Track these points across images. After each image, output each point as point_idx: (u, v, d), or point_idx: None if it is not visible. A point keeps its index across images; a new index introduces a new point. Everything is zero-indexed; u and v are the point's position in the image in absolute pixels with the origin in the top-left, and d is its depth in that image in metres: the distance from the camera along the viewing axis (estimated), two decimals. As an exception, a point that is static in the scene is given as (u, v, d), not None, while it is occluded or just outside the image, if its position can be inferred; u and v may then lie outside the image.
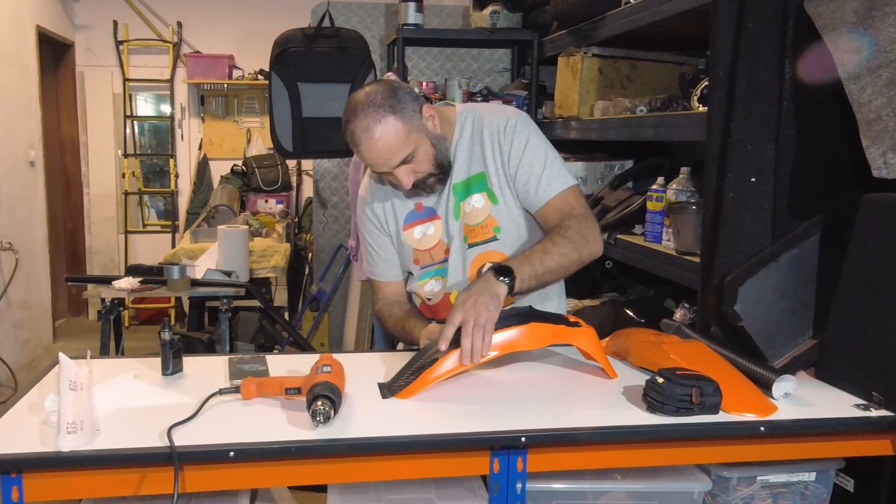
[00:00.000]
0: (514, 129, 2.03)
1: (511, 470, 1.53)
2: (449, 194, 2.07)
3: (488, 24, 4.09)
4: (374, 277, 2.24)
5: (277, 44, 3.93)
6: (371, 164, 1.96)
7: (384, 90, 1.91)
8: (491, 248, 2.06)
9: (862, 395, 1.74)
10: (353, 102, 1.91)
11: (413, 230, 2.12)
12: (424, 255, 2.12)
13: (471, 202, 2.05)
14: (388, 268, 2.20)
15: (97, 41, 6.97)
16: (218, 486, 1.49)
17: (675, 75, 3.18)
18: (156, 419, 1.52)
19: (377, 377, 1.83)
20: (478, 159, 2.05)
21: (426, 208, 2.11)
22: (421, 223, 2.11)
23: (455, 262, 2.08)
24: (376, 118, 1.87)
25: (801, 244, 1.93)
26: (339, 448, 1.46)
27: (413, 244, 2.12)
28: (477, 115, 2.08)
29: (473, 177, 2.06)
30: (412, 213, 2.12)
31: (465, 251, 2.07)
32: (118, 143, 7.17)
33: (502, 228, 2.06)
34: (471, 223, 2.06)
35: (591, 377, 1.86)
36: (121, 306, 3.92)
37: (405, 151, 1.92)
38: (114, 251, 7.27)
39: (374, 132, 1.87)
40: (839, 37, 1.82)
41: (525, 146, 2.02)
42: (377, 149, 1.90)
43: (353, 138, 1.91)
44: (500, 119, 2.05)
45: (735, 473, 1.69)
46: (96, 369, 1.79)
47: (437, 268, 2.12)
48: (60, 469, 1.39)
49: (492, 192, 2.05)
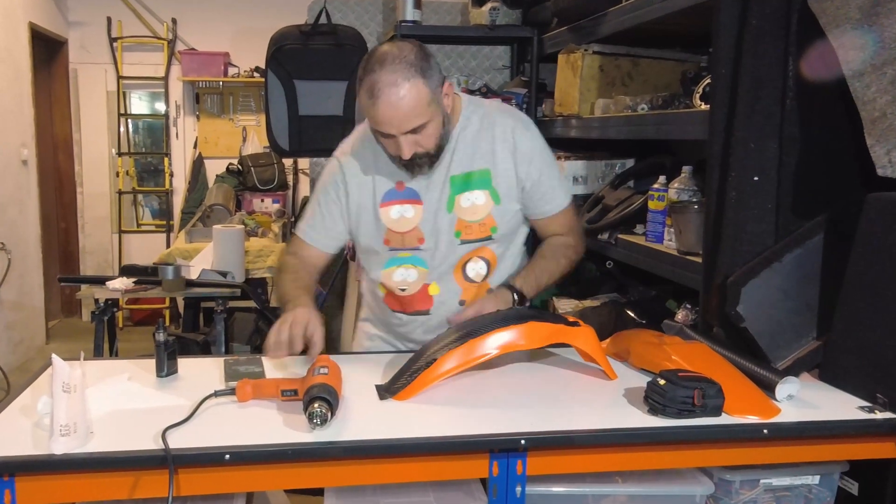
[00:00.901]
0: (530, 133, 2.06)
1: (510, 473, 1.53)
2: (445, 185, 2.04)
3: (487, 20, 4.08)
4: (302, 237, 2.16)
5: (274, 41, 3.93)
6: (381, 122, 1.87)
7: (418, 51, 1.86)
8: (484, 245, 2.07)
9: (866, 398, 1.74)
10: (382, 53, 1.84)
11: (390, 209, 2.06)
12: (396, 238, 2.07)
13: (470, 197, 2.04)
14: (324, 234, 2.14)
15: (91, 38, 6.96)
16: (213, 489, 1.48)
17: (677, 73, 3.17)
18: (150, 421, 1.52)
19: (374, 379, 1.83)
20: (484, 156, 2.03)
21: (408, 189, 2.05)
22: (399, 203, 2.06)
23: (441, 255, 2.06)
24: (406, 75, 1.80)
25: (804, 244, 1.93)
26: (336, 451, 1.46)
27: (388, 224, 2.07)
28: (486, 111, 2.07)
29: (476, 172, 2.04)
30: (392, 191, 2.06)
31: (456, 246, 2.06)
32: (112, 141, 7.16)
33: (499, 229, 2.06)
34: (467, 219, 2.04)
35: (592, 378, 1.86)
36: (115, 307, 3.92)
37: (421, 119, 1.86)
38: (107, 251, 7.26)
39: (400, 89, 1.80)
40: (843, 33, 1.81)
41: (542, 153, 2.07)
42: (398, 107, 1.82)
43: (372, 89, 1.82)
44: (514, 120, 2.06)
45: (738, 476, 1.69)
46: (90, 371, 1.78)
47: (408, 255, 2.08)
48: (53, 472, 1.39)
49: (496, 191, 2.04)
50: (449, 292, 2.08)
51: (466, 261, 2.06)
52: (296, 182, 7.27)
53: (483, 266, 2.08)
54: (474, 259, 2.07)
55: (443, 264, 2.06)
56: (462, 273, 2.07)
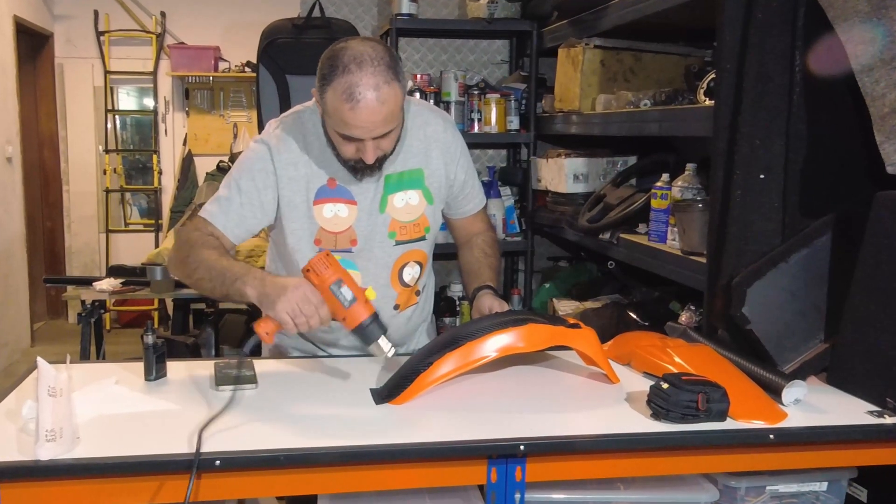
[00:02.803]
0: (456, 133, 2.11)
1: (509, 479, 1.53)
2: (378, 184, 1.98)
3: (485, 13, 4.09)
4: (212, 221, 1.94)
5: (265, 34, 3.93)
6: (356, 127, 1.77)
7: (389, 53, 1.79)
8: (416, 246, 2.07)
9: (876, 402, 1.74)
10: (358, 53, 1.75)
11: (323, 207, 1.97)
12: (328, 238, 1.99)
13: (404, 197, 2.02)
14: (236, 223, 1.95)
15: (77, 32, 6.95)
16: (203, 496, 1.47)
17: (681, 67, 3.18)
18: (138, 426, 1.52)
19: (369, 382, 1.82)
20: (417, 155, 2.02)
21: (339, 188, 1.97)
22: (332, 202, 1.97)
23: (375, 258, 2.02)
24: (386, 79, 1.74)
25: (812, 244, 1.94)
26: (330, 456, 1.45)
27: (321, 223, 1.98)
28: (416, 109, 2.05)
29: (408, 171, 2.02)
30: (324, 188, 1.97)
31: (390, 248, 2.03)
32: (99, 138, 7.15)
33: (431, 229, 2.09)
34: (402, 220, 2.03)
35: (593, 382, 1.86)
36: (102, 309, 3.92)
37: (394, 124, 1.82)
38: (94, 251, 7.25)
39: (382, 92, 1.74)
40: (852, 27, 1.82)
41: (465, 152, 2.13)
42: (378, 112, 1.75)
43: (350, 91, 1.73)
44: (443, 120, 2.10)
45: (743, 483, 1.69)
46: (76, 374, 1.78)
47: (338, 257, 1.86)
48: (39, 478, 1.38)
49: (428, 190, 2.05)
50: (385, 297, 2.04)
51: (403, 264, 2.06)
52: (288, 180, 7.25)
53: (417, 270, 2.10)
54: (410, 263, 2.07)
55: (380, 267, 2.03)
56: (399, 277, 2.06)
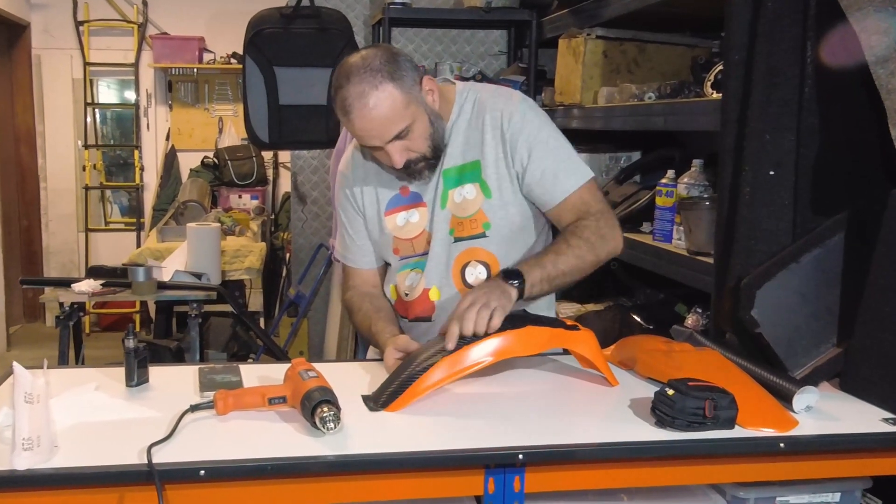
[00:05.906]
0: (523, 118, 2.01)
1: (507, 490, 1.52)
2: (438, 180, 2.04)
3: (483, 2, 4.10)
4: (346, 263, 2.22)
5: (252, 24, 3.92)
6: (361, 137, 1.93)
7: (382, 55, 1.89)
8: (478, 244, 2.05)
9: (891, 409, 1.74)
10: (347, 66, 1.88)
11: (396, 216, 2.10)
12: (405, 245, 2.10)
13: (462, 192, 2.04)
14: (360, 254, 2.18)
15: (55, 21, 6.95)
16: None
17: (687, 59, 3.19)
18: (119, 434, 1.52)
19: (361, 389, 1.82)
20: (475, 146, 2.03)
21: (412, 193, 2.08)
22: (405, 209, 2.09)
23: (437, 256, 2.05)
24: (372, 84, 1.84)
25: (824, 243, 1.94)
26: (320, 466, 1.45)
27: (394, 232, 2.10)
28: (478, 96, 2.06)
29: (468, 164, 2.04)
30: (397, 197, 2.09)
31: (450, 245, 2.05)
32: (78, 132, 7.15)
33: (492, 225, 2.04)
34: (460, 215, 2.04)
35: (595, 388, 1.86)
36: (81, 311, 3.91)
37: (401, 124, 1.89)
38: (73, 251, 7.25)
39: (368, 99, 1.84)
40: (866, 17, 1.82)
41: (536, 138, 2.00)
42: (371, 118, 1.86)
43: (343, 105, 1.87)
44: (505, 105, 2.03)
45: (752, 494, 1.69)
46: (54, 380, 1.77)
47: (416, 260, 2.09)
48: (15, 489, 1.38)
49: (486, 184, 2.03)
50: (450, 299, 2.04)
51: (465, 264, 2.05)
52: (276, 177, 7.26)
53: (483, 271, 2.05)
54: (472, 263, 2.05)
55: (440, 265, 2.06)
56: (461, 278, 2.06)
